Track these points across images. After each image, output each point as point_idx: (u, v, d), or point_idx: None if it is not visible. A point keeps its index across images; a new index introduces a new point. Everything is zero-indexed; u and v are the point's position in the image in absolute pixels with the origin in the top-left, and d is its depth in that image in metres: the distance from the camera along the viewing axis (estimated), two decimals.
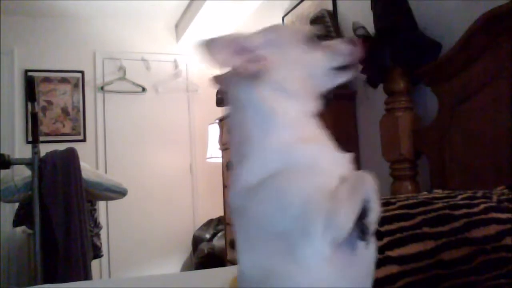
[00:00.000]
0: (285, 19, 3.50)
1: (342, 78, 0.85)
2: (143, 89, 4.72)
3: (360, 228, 0.69)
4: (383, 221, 1.01)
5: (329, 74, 0.84)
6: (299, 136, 0.75)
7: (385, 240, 0.97)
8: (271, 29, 0.85)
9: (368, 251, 0.74)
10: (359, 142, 2.63)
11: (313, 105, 0.82)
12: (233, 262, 3.27)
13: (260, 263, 0.71)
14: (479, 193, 1.18)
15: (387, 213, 1.04)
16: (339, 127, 2.60)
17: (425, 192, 1.27)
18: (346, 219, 0.66)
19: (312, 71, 0.81)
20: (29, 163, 2.66)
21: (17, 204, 3.03)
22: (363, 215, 0.69)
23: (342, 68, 0.84)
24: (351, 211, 0.67)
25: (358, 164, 2.62)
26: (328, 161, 0.74)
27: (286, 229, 0.68)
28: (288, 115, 0.77)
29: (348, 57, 0.83)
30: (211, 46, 0.77)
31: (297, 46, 0.81)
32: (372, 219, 0.69)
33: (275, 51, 0.80)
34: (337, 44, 0.84)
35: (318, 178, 0.70)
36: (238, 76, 0.81)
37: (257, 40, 0.81)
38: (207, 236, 4.22)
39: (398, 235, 0.99)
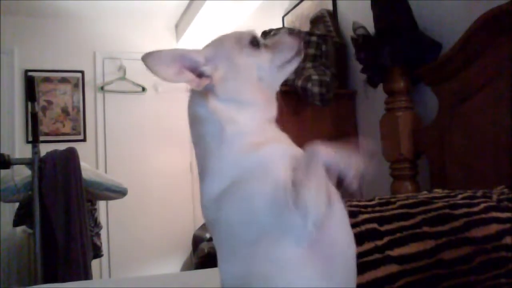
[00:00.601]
0: (285, 19, 3.50)
1: (289, 69, 0.85)
2: (143, 89, 4.72)
3: (345, 191, 0.70)
4: (383, 220, 1.01)
5: (277, 71, 0.84)
6: (252, 142, 0.75)
7: (385, 239, 0.97)
8: (214, 42, 0.86)
9: (349, 249, 0.74)
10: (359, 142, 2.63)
11: (268, 109, 0.82)
12: None
13: (239, 272, 0.72)
14: (479, 193, 1.18)
15: (387, 213, 1.04)
16: (339, 126, 2.60)
17: (425, 192, 1.27)
18: (315, 197, 0.66)
19: (260, 73, 0.81)
20: (29, 163, 2.66)
21: (17, 204, 3.02)
22: (341, 178, 0.69)
23: (288, 61, 0.84)
24: (317, 188, 0.67)
25: None
26: (279, 158, 0.74)
27: (259, 232, 0.69)
28: (240, 124, 0.77)
29: (292, 50, 0.84)
30: (155, 60, 0.78)
31: (241, 52, 0.81)
32: (350, 180, 0.69)
33: (222, 64, 0.81)
34: (279, 39, 0.85)
35: (274, 175, 0.70)
36: (192, 93, 0.83)
37: (202, 55, 0.82)
38: (207, 235, 4.20)
39: (398, 234, 0.99)
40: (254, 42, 0.82)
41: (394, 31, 2.04)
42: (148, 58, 0.78)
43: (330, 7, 2.89)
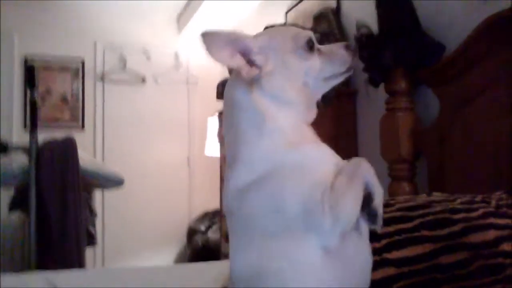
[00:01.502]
0: (288, 15, 3.49)
1: (335, 82, 0.85)
2: (143, 80, 4.70)
3: (368, 213, 0.72)
4: None
5: (323, 81, 0.83)
6: (290, 141, 0.75)
7: (383, 242, 0.97)
8: (270, 32, 0.85)
9: (366, 264, 0.76)
10: (358, 141, 2.63)
11: (308, 113, 0.82)
12: (228, 256, 3.27)
13: (252, 262, 0.72)
14: (478, 198, 1.18)
15: (386, 215, 1.03)
16: (339, 124, 2.60)
17: (424, 195, 1.27)
18: (351, 209, 0.68)
19: (306, 79, 0.81)
20: (27, 150, 2.65)
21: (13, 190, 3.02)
22: (368, 200, 0.71)
23: (336, 75, 0.84)
24: (354, 200, 0.69)
25: None
26: (320, 161, 0.75)
27: (283, 228, 0.70)
28: (280, 120, 0.77)
29: (344, 65, 0.83)
30: (211, 40, 0.77)
31: (295, 53, 0.80)
32: (378, 202, 0.72)
33: (273, 57, 0.80)
34: (335, 51, 0.84)
35: (313, 176, 0.71)
36: (236, 78, 0.82)
37: (257, 43, 0.80)
38: (202, 228, 4.22)
39: (396, 237, 0.99)
40: (309, 45, 0.81)
41: (397, 31, 2.03)
42: (205, 37, 0.77)
43: (334, 5, 2.88)
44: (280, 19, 3.53)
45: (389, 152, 2.09)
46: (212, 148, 4.15)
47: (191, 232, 4.31)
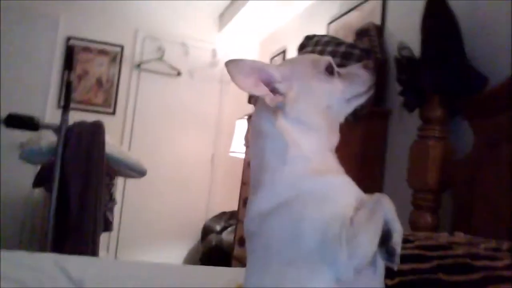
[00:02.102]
0: (330, 26, 3.45)
1: (357, 102, 0.87)
2: (178, 73, 4.73)
3: (386, 250, 0.72)
4: None
5: (346, 102, 0.86)
6: (313, 168, 0.77)
7: (396, 279, 0.93)
8: (291, 61, 0.89)
9: (376, 282, 0.75)
10: (386, 163, 2.57)
11: (331, 137, 0.84)
12: (239, 259, 3.26)
13: (266, 286, 0.73)
14: (505, 246, 1.12)
15: (403, 251, 0.99)
16: (368, 144, 2.55)
17: (446, 234, 1.22)
18: (369, 245, 0.68)
19: (330, 101, 0.83)
20: (56, 129, 2.69)
21: (39, 166, 3.08)
22: (387, 237, 0.70)
23: (358, 95, 0.87)
24: (372, 236, 0.69)
25: (381, 184, 2.56)
26: (342, 192, 0.75)
27: (299, 255, 0.70)
28: (304, 147, 0.79)
29: (365, 85, 0.86)
30: (237, 68, 0.81)
31: (316, 78, 0.83)
32: (397, 240, 0.72)
33: (296, 84, 0.82)
34: (354, 72, 0.87)
35: (333, 207, 0.72)
36: (261, 106, 0.84)
37: (280, 72, 0.83)
38: (218, 228, 4.21)
39: (411, 276, 0.95)
40: (329, 69, 0.84)
41: (440, 57, 1.97)
42: (231, 65, 0.82)
43: (378, 22, 2.83)
44: (322, 29, 3.49)
45: (415, 180, 2.03)
46: (237, 149, 4.14)
47: (206, 231, 4.31)
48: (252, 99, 3.14)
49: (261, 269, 0.74)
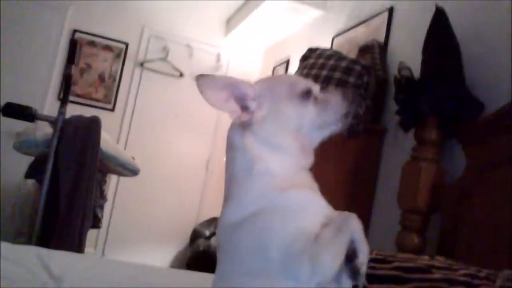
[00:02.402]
0: (335, 40, 3.46)
1: (331, 130, 0.86)
2: (181, 75, 4.74)
3: (351, 269, 0.72)
4: (374, 278, 0.97)
5: (317, 129, 0.85)
6: (279, 184, 0.77)
7: None
8: (269, 80, 0.88)
9: None
10: (378, 181, 2.57)
11: (303, 158, 0.83)
12: None
13: None
14: (483, 273, 1.12)
15: (381, 271, 0.99)
16: (362, 160, 2.55)
17: (427, 257, 1.22)
18: (331, 263, 0.68)
19: (299, 125, 0.82)
20: (52, 122, 2.69)
21: (32, 157, 3.07)
22: (352, 256, 0.70)
23: (330, 123, 0.86)
24: (335, 254, 0.69)
25: (371, 202, 2.56)
26: (309, 208, 0.75)
27: (263, 267, 0.71)
28: (270, 164, 0.79)
29: (338, 114, 0.84)
30: (206, 83, 0.81)
31: (290, 100, 0.82)
32: (362, 260, 0.72)
33: (268, 104, 0.82)
34: (331, 100, 0.85)
35: (299, 222, 0.72)
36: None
37: (254, 90, 0.83)
38: (207, 233, 4.20)
39: None
40: (305, 95, 0.83)
41: (439, 79, 1.98)
42: (201, 79, 0.81)
43: (383, 39, 2.84)
44: (327, 42, 3.50)
45: (405, 200, 2.03)
46: None
47: (195, 235, 4.29)
48: None
49: (228, 278, 0.76)
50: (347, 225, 0.71)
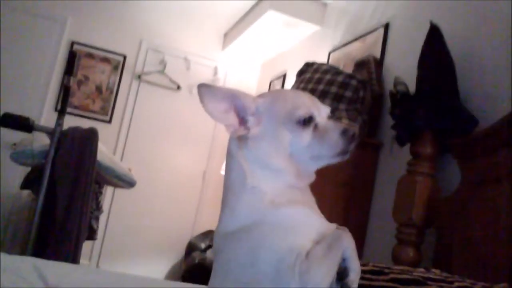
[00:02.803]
0: (331, 54, 3.50)
1: (324, 162, 0.83)
2: (178, 87, 4.76)
3: (341, 287, 0.72)
4: None
5: (310, 158, 0.81)
6: (271, 200, 0.76)
7: None
8: (272, 97, 0.85)
9: None
10: (373, 195, 2.58)
11: (298, 180, 0.81)
12: None
13: None
14: (478, 286, 1.13)
15: (377, 283, 1.00)
16: (357, 175, 2.56)
17: (422, 269, 1.23)
18: (322, 280, 0.68)
19: (292, 151, 0.80)
20: (50, 133, 2.70)
21: (29, 168, 3.07)
22: (343, 274, 0.70)
23: (324, 156, 0.82)
24: (326, 272, 0.69)
25: (366, 216, 2.57)
26: (302, 224, 0.75)
27: (253, 281, 0.72)
28: (260, 182, 0.78)
29: (334, 149, 0.80)
30: (207, 93, 0.79)
31: (286, 124, 0.80)
32: (353, 278, 0.72)
33: (266, 122, 0.81)
34: (330, 132, 0.81)
35: (291, 238, 0.72)
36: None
37: (255, 104, 0.81)
38: (202, 246, 4.19)
39: None
40: (304, 122, 0.80)
41: (434, 95, 2.01)
42: (202, 88, 0.79)
43: (378, 54, 2.88)
44: (323, 57, 3.54)
45: (400, 214, 2.05)
46: None
47: (190, 248, 4.28)
48: None
49: (220, 284, 0.77)
50: (339, 243, 0.71)
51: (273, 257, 0.70)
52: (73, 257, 2.57)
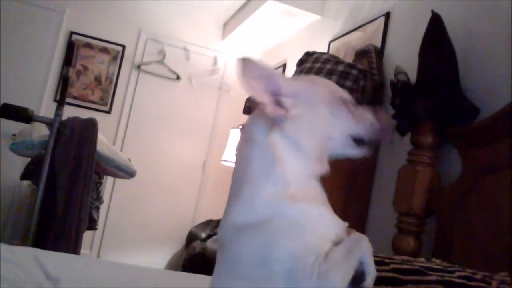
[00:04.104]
0: (331, 44, 3.48)
1: (357, 151, 0.82)
2: (178, 77, 4.75)
3: None
4: None
5: (346, 143, 0.81)
6: (292, 194, 0.74)
7: None
8: (309, 81, 0.84)
9: None
10: (374, 184, 2.58)
11: (319, 166, 0.80)
12: None
13: None
14: (479, 275, 1.13)
15: (378, 274, 1.00)
16: (358, 163, 2.55)
17: (423, 259, 1.23)
18: (339, 283, 0.67)
19: (331, 134, 0.79)
20: (49, 123, 2.69)
21: (28, 158, 3.06)
22: (359, 278, 0.70)
23: (361, 142, 0.82)
24: (344, 275, 0.68)
25: (367, 205, 2.57)
26: (319, 223, 0.74)
27: (264, 278, 0.70)
28: (288, 168, 0.75)
29: (370, 132, 0.81)
30: (249, 67, 0.75)
31: (325, 105, 0.79)
32: (369, 282, 0.72)
33: (304, 104, 0.78)
34: (367, 116, 0.82)
35: (308, 237, 0.70)
36: (259, 114, 0.80)
37: (291, 87, 0.79)
38: (203, 235, 4.19)
39: None
40: (344, 103, 0.80)
41: (435, 84, 2.00)
42: (244, 62, 0.75)
43: (379, 44, 2.86)
44: (324, 47, 3.52)
45: (401, 204, 2.04)
46: (229, 158, 4.14)
47: (191, 237, 4.28)
48: (247, 109, 3.15)
49: (226, 281, 0.74)
50: (358, 247, 0.71)
51: (288, 256, 0.68)
52: (73, 248, 2.58)
